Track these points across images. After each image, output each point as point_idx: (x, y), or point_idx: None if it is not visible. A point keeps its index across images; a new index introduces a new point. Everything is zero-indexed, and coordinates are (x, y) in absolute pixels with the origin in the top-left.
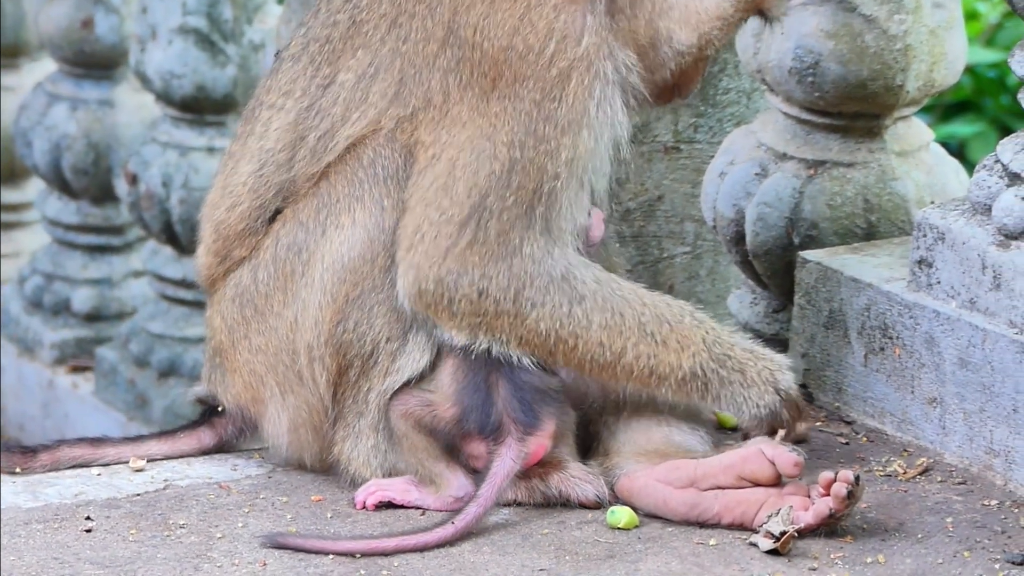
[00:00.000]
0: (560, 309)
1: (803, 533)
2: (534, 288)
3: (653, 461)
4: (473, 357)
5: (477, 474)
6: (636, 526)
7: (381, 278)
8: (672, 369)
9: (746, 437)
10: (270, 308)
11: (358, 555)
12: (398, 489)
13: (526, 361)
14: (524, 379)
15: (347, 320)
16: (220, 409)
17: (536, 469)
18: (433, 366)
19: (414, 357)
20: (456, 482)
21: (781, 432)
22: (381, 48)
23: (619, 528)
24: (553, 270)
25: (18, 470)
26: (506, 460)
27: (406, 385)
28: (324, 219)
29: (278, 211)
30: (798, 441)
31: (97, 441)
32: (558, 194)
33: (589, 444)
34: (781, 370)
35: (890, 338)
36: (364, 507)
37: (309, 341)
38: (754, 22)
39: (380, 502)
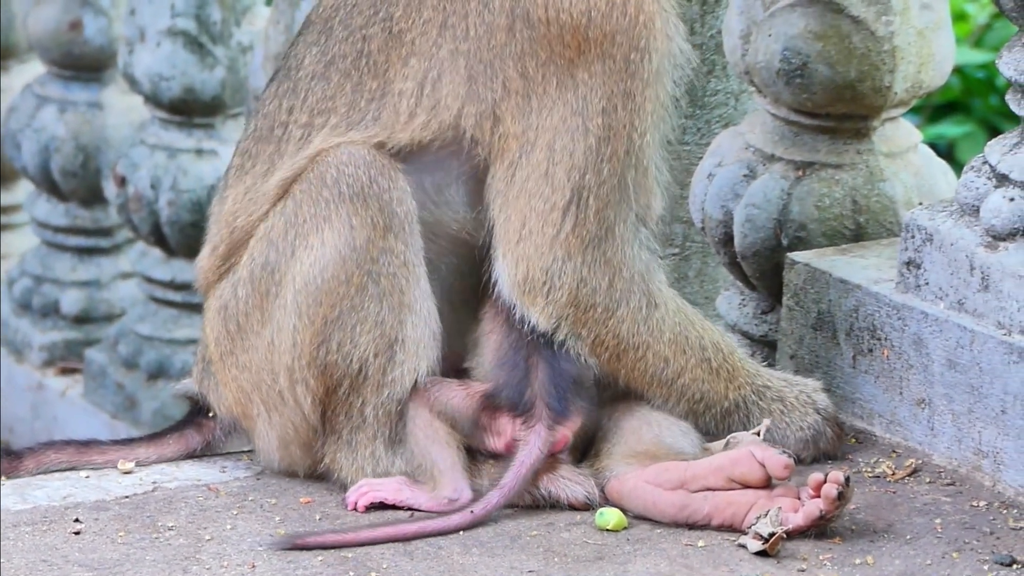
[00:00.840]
0: (640, 312)
1: (792, 534)
2: (623, 279)
3: (643, 463)
4: (517, 335)
5: (496, 460)
6: (625, 528)
7: (359, 297)
8: (719, 398)
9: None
10: (250, 326)
11: (379, 542)
12: (390, 489)
13: (571, 352)
14: (563, 366)
15: (329, 342)
16: (211, 415)
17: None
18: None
19: (408, 367)
20: (454, 484)
21: (765, 421)
22: (437, 52)
23: (608, 530)
24: (636, 261)
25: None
26: (533, 448)
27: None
28: (292, 239)
29: None
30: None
31: (84, 445)
32: (645, 152)
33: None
34: (817, 391)
35: (878, 339)
36: (355, 508)
37: (288, 364)
38: (742, 23)
39: (372, 503)
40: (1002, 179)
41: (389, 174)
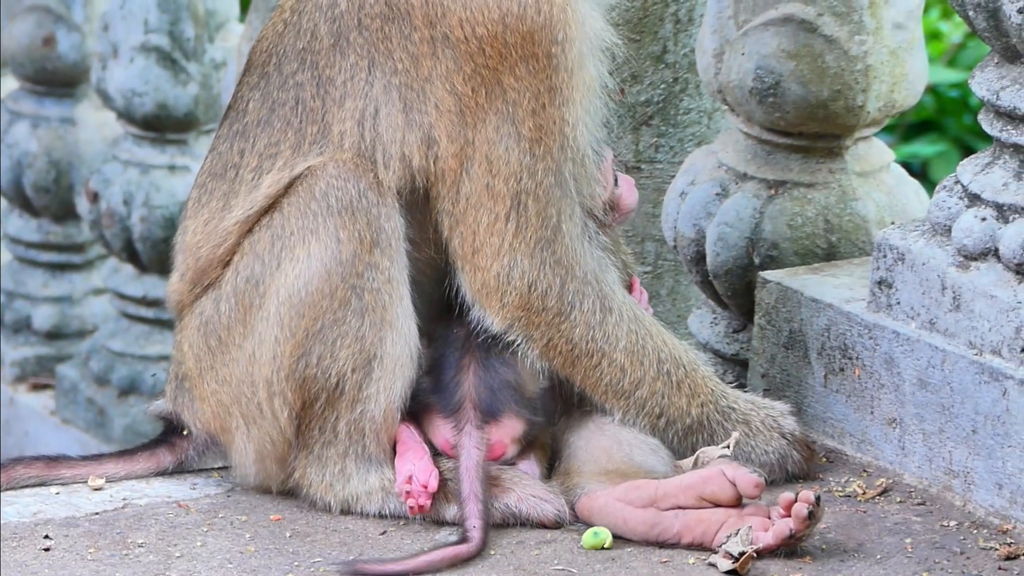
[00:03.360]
0: (594, 316)
1: (762, 553)
2: (575, 279)
3: (614, 481)
4: (453, 332)
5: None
6: (608, 547)
7: (342, 311)
8: (681, 415)
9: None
10: (232, 340)
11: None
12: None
13: (515, 357)
14: (497, 368)
15: (309, 355)
16: (185, 432)
17: (494, 487)
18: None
19: (384, 384)
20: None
21: (734, 434)
22: (370, 90)
23: (601, 548)
24: (588, 258)
25: None
26: (470, 451)
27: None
28: (279, 252)
29: None
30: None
31: (53, 460)
32: (580, 141)
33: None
34: (783, 415)
35: (850, 358)
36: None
37: (267, 376)
38: (715, 42)
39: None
40: (974, 199)
41: (378, 190)
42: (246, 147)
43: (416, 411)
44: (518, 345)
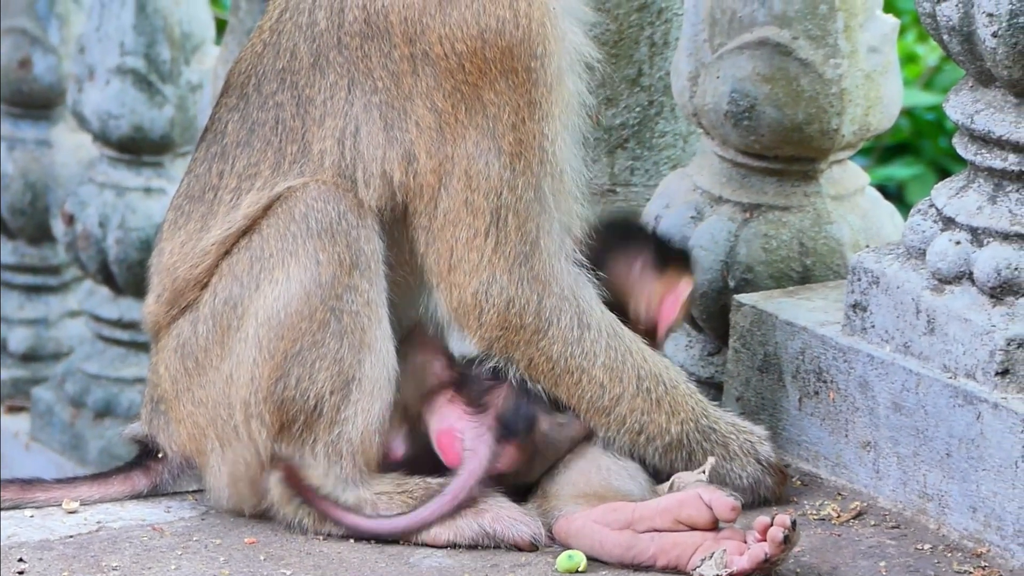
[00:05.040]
0: (572, 332)
1: None
2: (553, 295)
3: (592, 504)
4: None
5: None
6: (584, 571)
7: (320, 333)
8: (660, 432)
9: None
10: (210, 362)
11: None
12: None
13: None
14: (530, 398)
15: (287, 377)
16: (160, 455)
17: (468, 508)
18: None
19: (362, 407)
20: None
21: (710, 459)
22: (350, 109)
23: (575, 572)
24: (566, 275)
25: None
26: (482, 457)
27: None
28: (258, 273)
29: None
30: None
31: (27, 483)
32: (559, 156)
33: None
34: (761, 442)
35: (824, 382)
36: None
37: (245, 397)
38: (691, 65)
39: None
40: (948, 222)
41: (358, 211)
42: (225, 168)
43: (438, 387)
44: (500, 366)
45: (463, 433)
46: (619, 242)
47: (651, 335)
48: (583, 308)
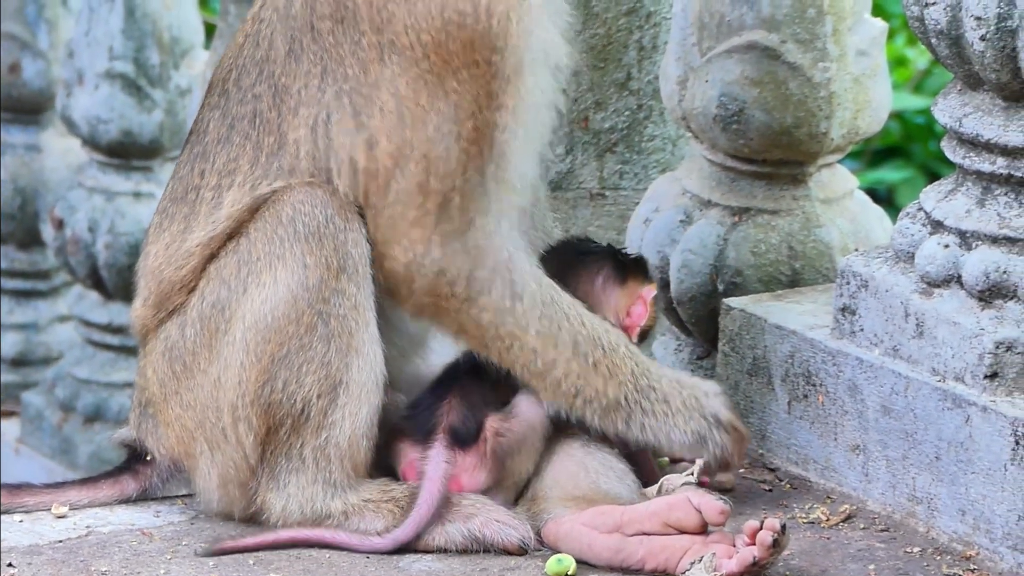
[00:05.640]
0: (504, 303)
1: None
2: (485, 269)
3: (580, 507)
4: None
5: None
6: (572, 574)
7: (308, 337)
8: (598, 394)
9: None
10: (197, 365)
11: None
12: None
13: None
14: (479, 407)
15: (274, 380)
16: (148, 458)
17: (457, 512)
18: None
19: (349, 410)
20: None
21: (699, 461)
22: (323, 96)
23: (564, 575)
24: (500, 251)
25: None
26: (438, 462)
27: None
28: (245, 277)
29: None
30: (724, 490)
31: (16, 488)
32: (510, 146)
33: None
34: (707, 396)
35: (813, 385)
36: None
37: (232, 400)
38: (679, 69)
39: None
40: (937, 226)
41: (345, 214)
42: (206, 167)
43: (385, 434)
44: (430, 326)
45: (419, 458)
46: (577, 263)
47: None
48: (516, 280)
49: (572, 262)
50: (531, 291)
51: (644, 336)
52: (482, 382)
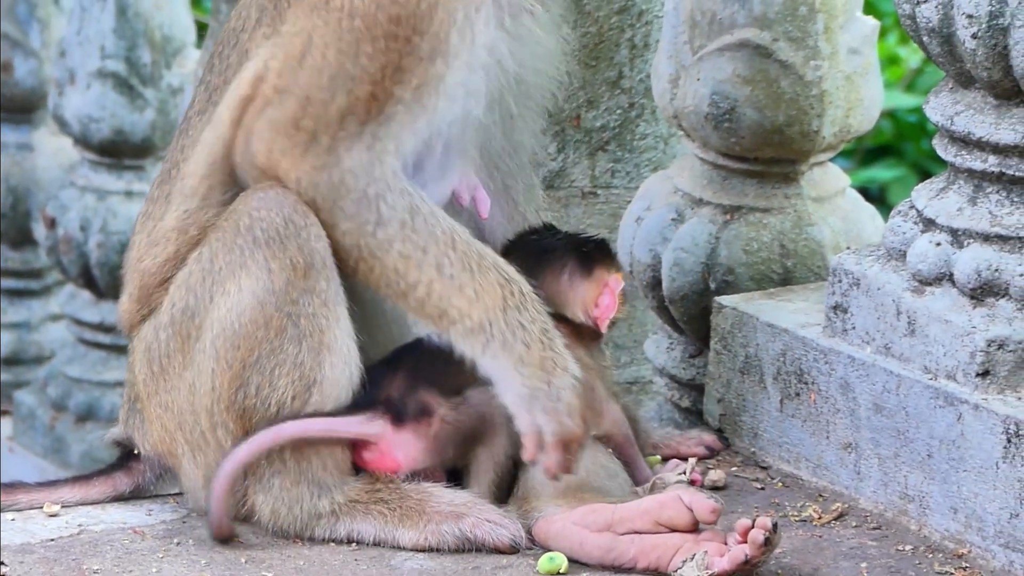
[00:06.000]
0: (366, 227)
1: None
2: (350, 200)
3: (571, 505)
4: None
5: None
6: (565, 573)
7: (278, 340)
8: (461, 315)
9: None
10: (173, 369)
11: None
12: None
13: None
14: (418, 385)
15: (247, 386)
16: (136, 453)
17: (448, 512)
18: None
19: (323, 408)
20: None
21: (691, 460)
22: (265, 54)
23: (556, 574)
24: (369, 188)
25: None
26: (359, 423)
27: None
28: (210, 286)
29: None
30: (716, 489)
31: (8, 486)
32: (396, 118)
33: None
34: (565, 372)
35: (805, 383)
36: None
37: (208, 406)
38: (671, 68)
39: None
40: (929, 224)
41: (302, 211)
42: (186, 142)
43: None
44: None
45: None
46: (542, 259)
47: (596, 332)
48: (383, 208)
49: (537, 259)
50: (399, 219)
51: (612, 324)
52: (436, 364)
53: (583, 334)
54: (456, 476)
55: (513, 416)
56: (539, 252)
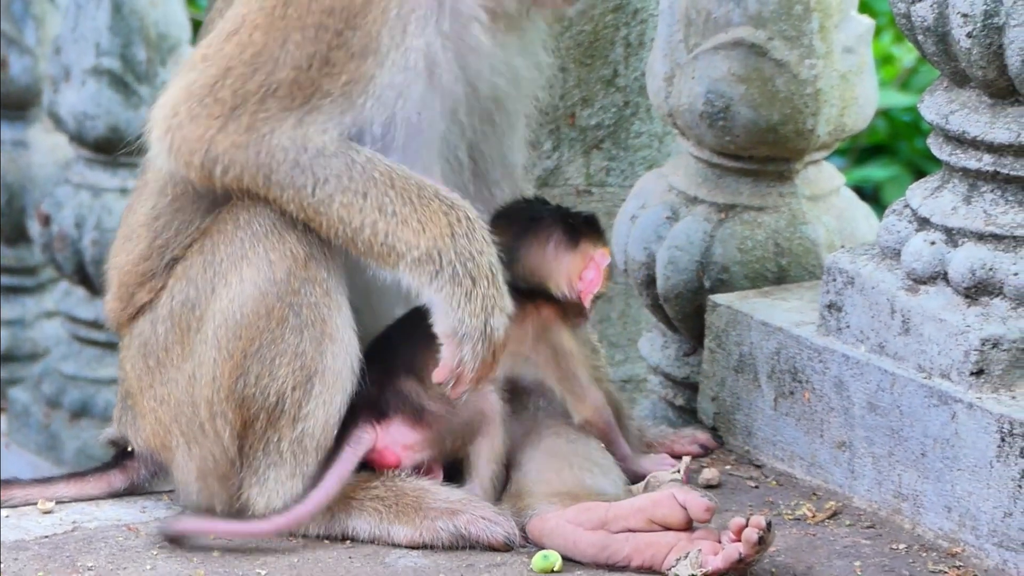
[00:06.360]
0: (304, 190)
1: None
2: (282, 172)
3: (565, 503)
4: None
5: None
6: (559, 571)
7: (280, 329)
8: (408, 247)
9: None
10: (171, 361)
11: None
12: None
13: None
14: (400, 373)
15: (247, 375)
16: (130, 450)
17: (443, 509)
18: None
19: (324, 399)
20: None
21: (685, 459)
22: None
23: (551, 572)
24: (301, 157)
25: None
26: (345, 459)
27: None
28: (212, 278)
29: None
30: (710, 487)
31: (5, 483)
32: (318, 106)
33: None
34: (501, 312)
35: (800, 382)
36: None
37: (208, 396)
38: (666, 66)
39: None
40: (923, 223)
41: None
42: None
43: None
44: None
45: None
46: (528, 229)
47: (580, 309)
48: (318, 171)
49: (523, 228)
50: (335, 174)
51: (596, 300)
52: (410, 350)
53: (567, 313)
54: (456, 475)
55: (441, 343)
56: (526, 221)
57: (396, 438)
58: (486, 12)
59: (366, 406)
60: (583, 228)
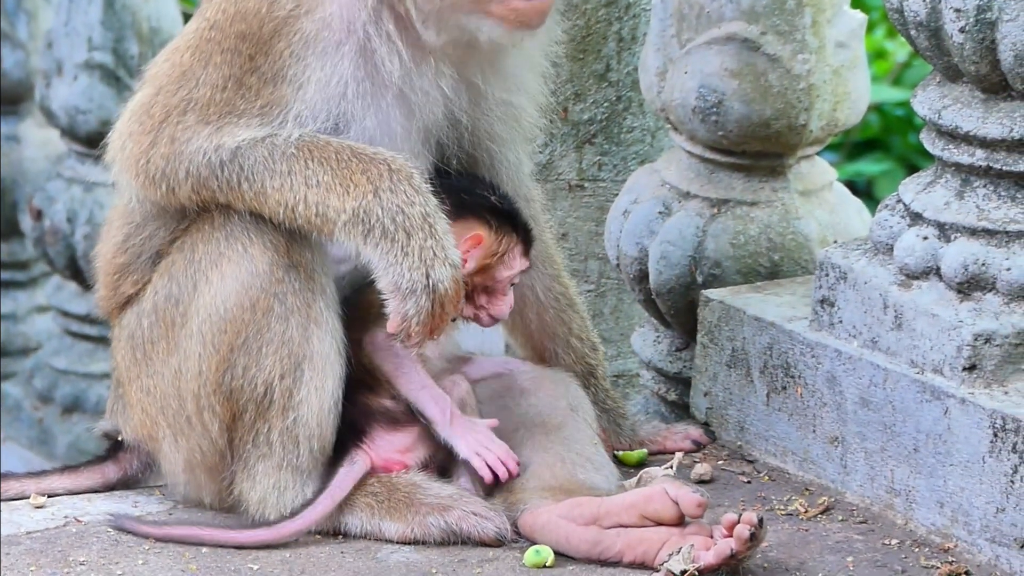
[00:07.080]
0: (232, 182)
1: (704, 572)
2: (211, 175)
3: (557, 498)
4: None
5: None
6: (551, 566)
7: (265, 320)
8: (337, 212)
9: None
10: (156, 354)
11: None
12: None
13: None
14: (358, 398)
15: (234, 367)
16: (121, 439)
17: (434, 505)
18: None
19: (315, 385)
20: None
21: (677, 455)
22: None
23: (543, 567)
24: (222, 155)
25: None
26: (342, 478)
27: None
28: (193, 275)
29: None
30: (702, 482)
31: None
32: (235, 123)
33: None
34: (444, 264)
35: (792, 377)
36: None
37: (195, 390)
38: (658, 61)
39: None
40: (916, 218)
41: None
42: None
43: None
44: None
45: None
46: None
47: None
48: (244, 164)
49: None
50: (260, 162)
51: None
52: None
53: None
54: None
55: (386, 300)
56: (444, 189)
57: (387, 448)
58: (405, 44)
59: (347, 432)
60: (477, 208)
